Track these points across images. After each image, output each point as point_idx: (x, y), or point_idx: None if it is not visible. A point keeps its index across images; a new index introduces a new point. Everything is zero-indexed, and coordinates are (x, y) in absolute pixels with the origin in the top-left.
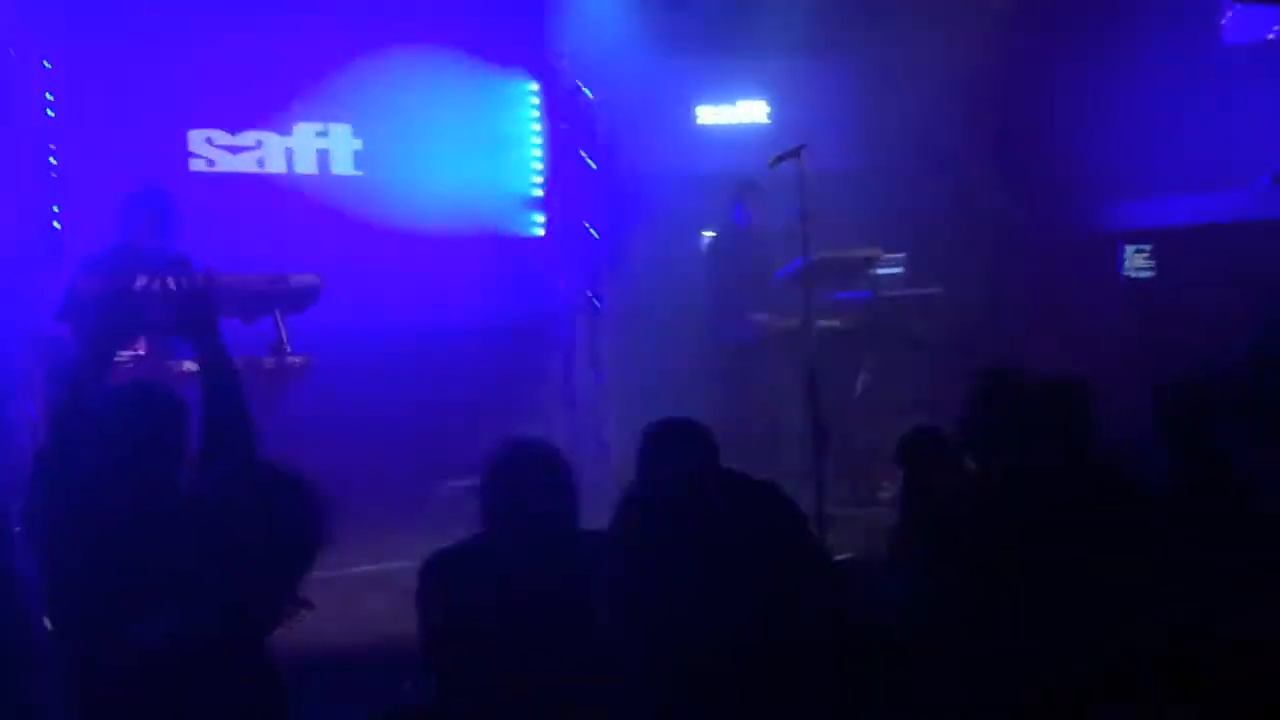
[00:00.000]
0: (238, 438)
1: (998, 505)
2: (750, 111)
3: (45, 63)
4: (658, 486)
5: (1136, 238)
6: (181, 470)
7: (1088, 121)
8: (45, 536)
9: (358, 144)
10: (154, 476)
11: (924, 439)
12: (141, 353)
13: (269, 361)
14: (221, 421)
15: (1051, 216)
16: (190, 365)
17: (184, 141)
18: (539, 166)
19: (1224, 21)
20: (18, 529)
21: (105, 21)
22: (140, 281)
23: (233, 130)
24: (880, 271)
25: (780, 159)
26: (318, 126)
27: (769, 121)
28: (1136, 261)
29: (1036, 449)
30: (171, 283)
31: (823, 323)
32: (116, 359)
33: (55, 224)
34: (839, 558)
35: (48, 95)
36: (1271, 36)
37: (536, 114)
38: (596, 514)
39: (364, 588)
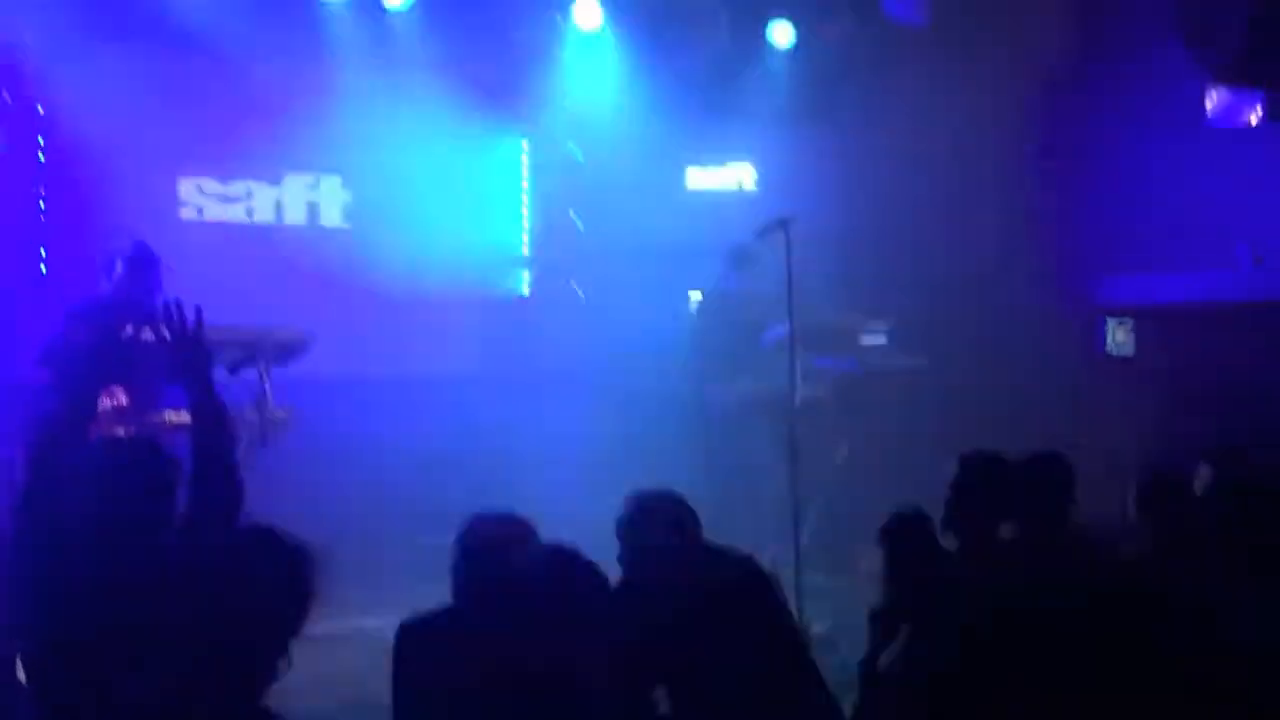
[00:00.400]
0: (226, 489)
1: (976, 584)
2: (738, 175)
3: (39, 107)
4: (640, 564)
5: (1119, 313)
6: (169, 527)
7: (1073, 197)
8: (26, 588)
9: (347, 196)
10: (142, 533)
11: (905, 518)
12: (123, 403)
13: (251, 414)
14: (210, 471)
15: (1036, 290)
16: (173, 417)
17: (174, 189)
18: (527, 225)
19: (1209, 104)
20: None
21: (100, 68)
22: (131, 328)
23: (223, 179)
24: (864, 341)
25: (768, 229)
26: (308, 178)
27: (756, 188)
28: (1119, 337)
29: (1015, 529)
30: (165, 329)
31: (807, 391)
32: (97, 408)
33: (42, 268)
34: (817, 629)
35: (40, 140)
36: (1254, 120)
37: (526, 172)
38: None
39: (338, 645)
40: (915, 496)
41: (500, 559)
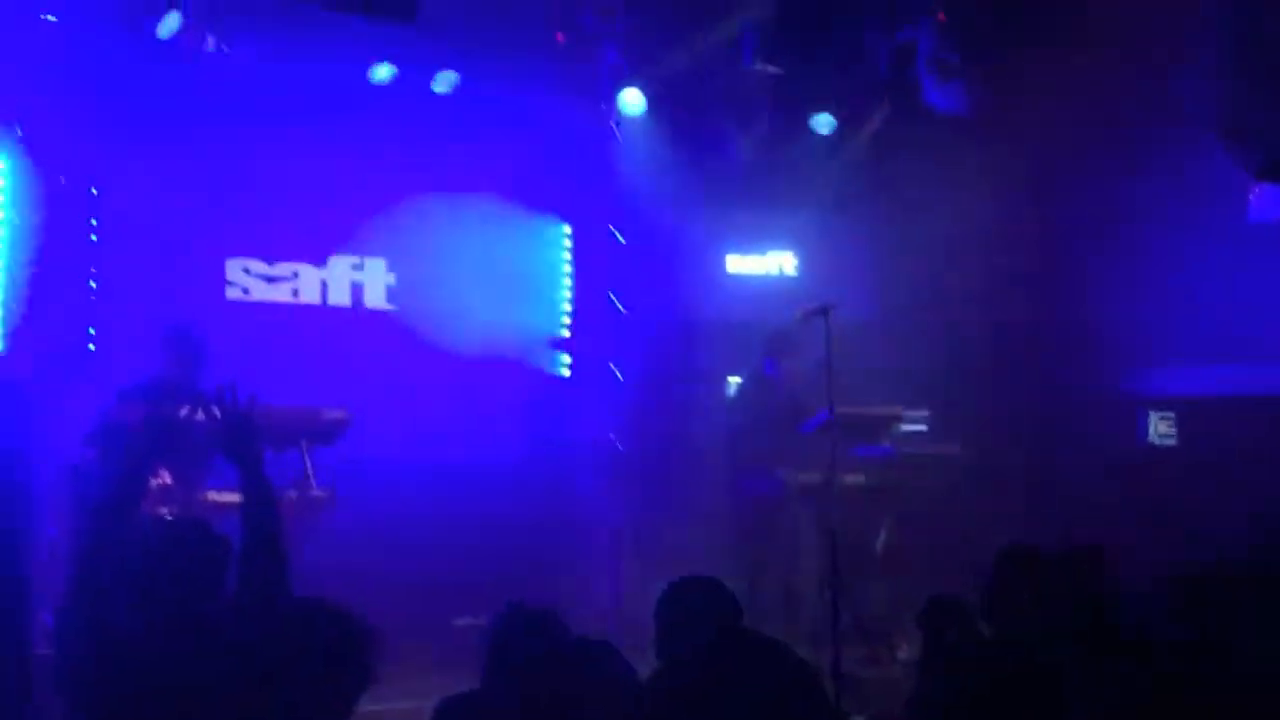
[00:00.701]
0: (274, 569)
1: (1015, 673)
2: (779, 262)
3: (92, 189)
4: (678, 650)
5: (1161, 405)
6: (220, 604)
7: (1115, 288)
8: (76, 665)
9: (391, 278)
10: (194, 611)
11: (945, 605)
12: (168, 482)
13: (293, 494)
14: (259, 550)
15: (1077, 380)
16: (217, 496)
17: (221, 270)
18: (568, 307)
19: (1250, 198)
20: (40, 651)
21: (151, 151)
22: (185, 410)
23: (270, 260)
24: (903, 428)
25: (809, 315)
26: (353, 259)
27: (796, 274)
28: (1160, 429)
29: (1053, 618)
30: (217, 409)
31: (846, 478)
32: (144, 487)
33: (91, 346)
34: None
35: (92, 221)
36: None
37: (568, 255)
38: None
39: None
40: (954, 585)
41: (531, 648)
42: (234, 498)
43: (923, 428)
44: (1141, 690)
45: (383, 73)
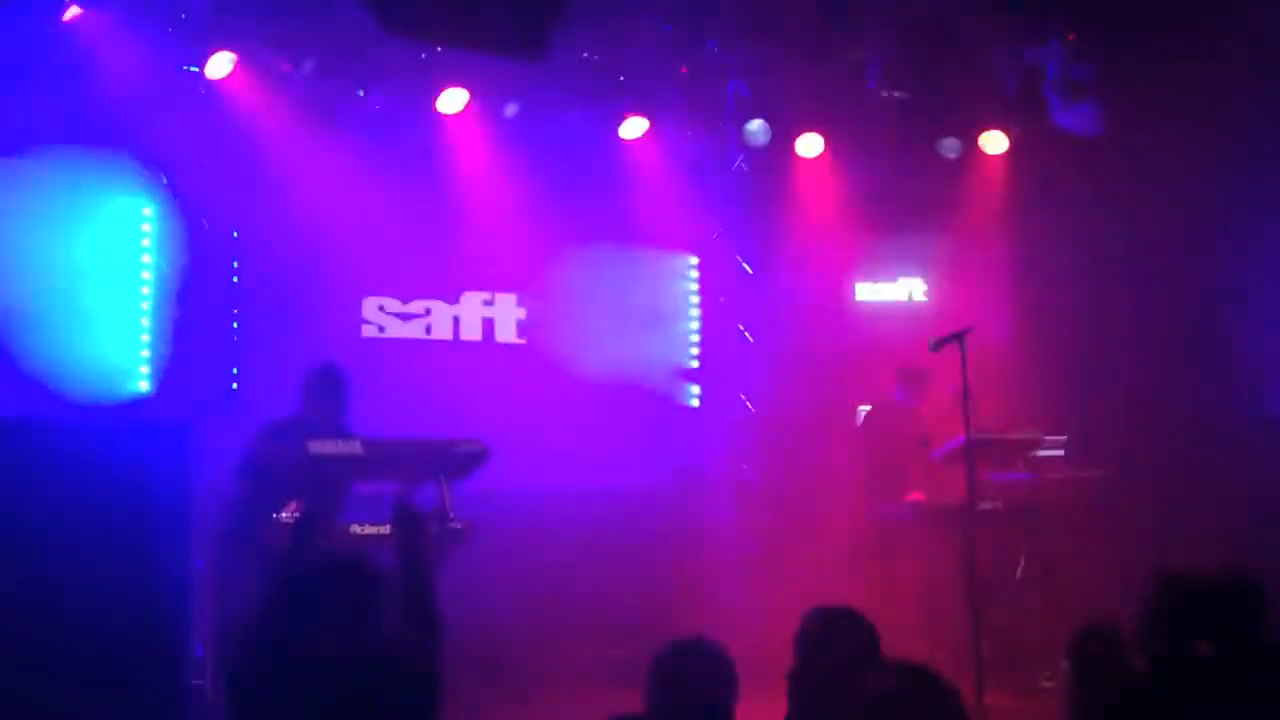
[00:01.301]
0: (430, 643)
1: (1167, 704)
2: (909, 288)
3: (234, 233)
4: (820, 680)
5: None
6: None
7: (1260, 307)
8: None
9: (521, 313)
10: (351, 649)
11: (1095, 634)
12: (299, 514)
13: (432, 528)
14: (412, 619)
15: (1221, 402)
16: (360, 529)
17: (358, 308)
18: (696, 338)
19: None
20: (198, 682)
21: (289, 194)
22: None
23: (404, 299)
24: (1040, 453)
25: (943, 342)
26: (484, 295)
27: (926, 299)
28: None
29: (1210, 648)
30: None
31: (982, 504)
32: (282, 521)
33: (234, 385)
34: None
35: (234, 263)
36: None
37: (695, 287)
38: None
39: None
40: (1095, 612)
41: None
42: (375, 530)
43: (1060, 452)
44: None
45: (510, 110)
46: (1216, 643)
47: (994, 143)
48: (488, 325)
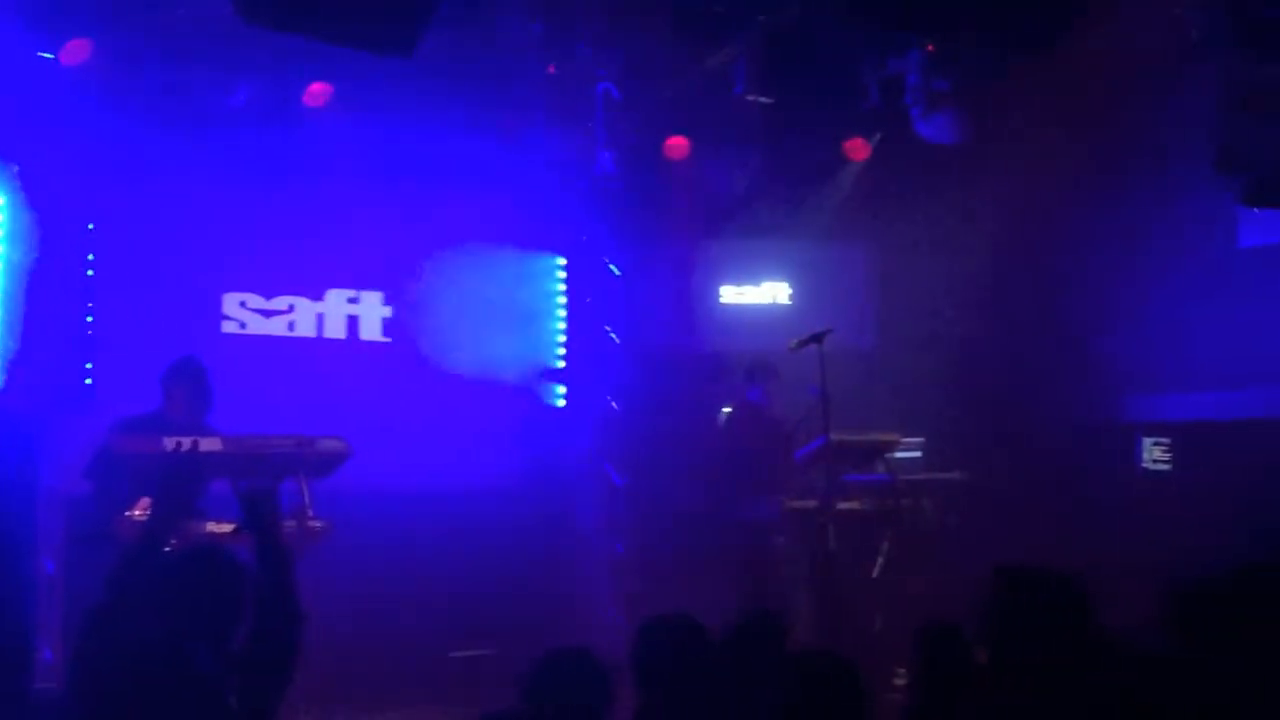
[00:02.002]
0: (292, 627)
1: (1007, 699)
2: (773, 292)
3: (89, 225)
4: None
5: (1155, 430)
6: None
7: (1108, 313)
8: (91, 689)
9: (387, 311)
10: (210, 639)
11: (938, 631)
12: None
13: (291, 525)
14: (276, 608)
15: (1070, 406)
16: (215, 526)
17: (218, 304)
18: (563, 339)
19: (1240, 225)
20: (39, 685)
21: (149, 186)
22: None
23: (267, 295)
24: (899, 455)
25: (803, 343)
26: (349, 293)
27: (791, 303)
28: (1154, 454)
29: (1048, 643)
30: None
31: (841, 505)
32: (134, 518)
33: (88, 380)
34: None
35: (89, 256)
36: None
37: (563, 287)
38: None
39: None
40: (951, 610)
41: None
42: (232, 527)
43: (918, 454)
44: (1136, 708)
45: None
46: (1048, 639)
47: (857, 150)
48: (352, 323)
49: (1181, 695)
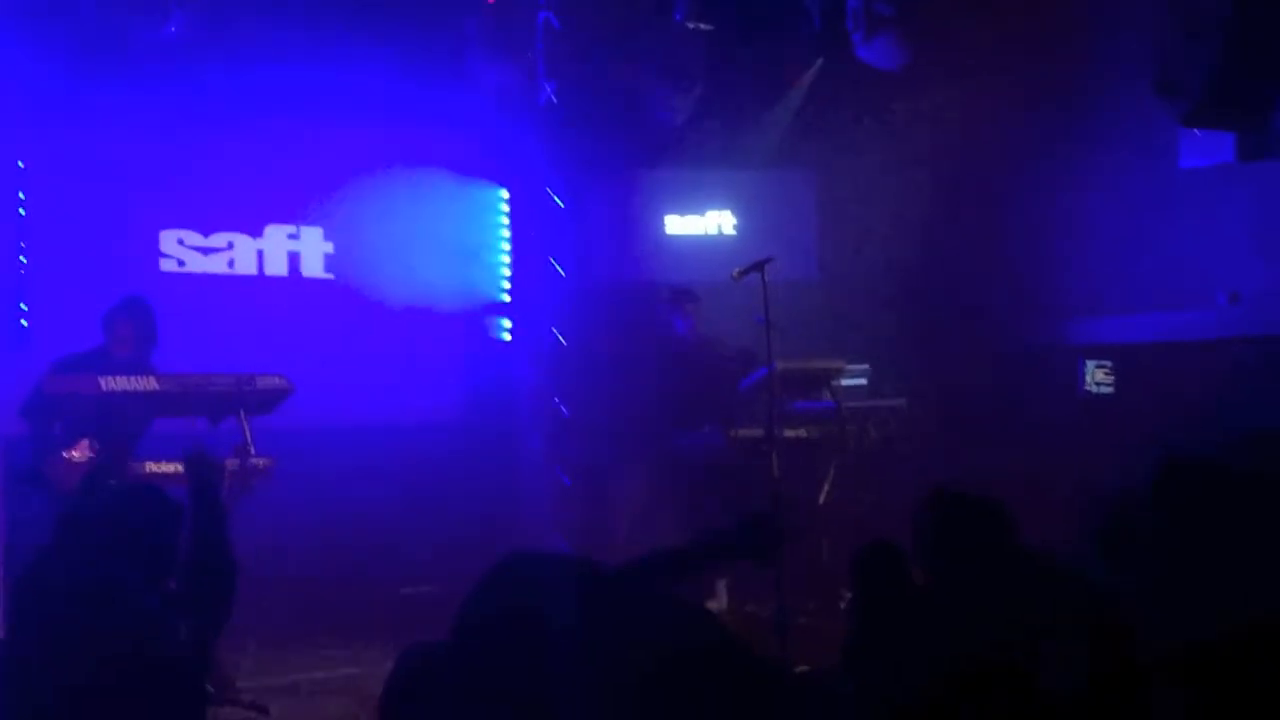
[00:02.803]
0: (223, 581)
1: (944, 618)
2: (718, 221)
3: (19, 163)
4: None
5: (1097, 353)
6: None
7: (1051, 239)
8: (35, 631)
9: (328, 247)
10: (148, 577)
11: (875, 552)
12: (92, 455)
13: (233, 463)
14: (207, 562)
15: (1014, 331)
16: (155, 466)
17: (155, 241)
18: (507, 272)
19: (1181, 145)
20: None
21: (80, 123)
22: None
23: (205, 232)
24: (844, 383)
25: (745, 271)
26: (289, 229)
27: (735, 233)
28: (1097, 377)
29: (971, 562)
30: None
31: (787, 433)
32: (72, 458)
33: (23, 321)
34: (798, 669)
35: (20, 194)
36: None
37: (506, 220)
38: None
39: (320, 693)
40: (897, 535)
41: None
42: (172, 468)
43: (863, 381)
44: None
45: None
46: (989, 560)
47: (800, 75)
48: (294, 259)
49: (1108, 612)
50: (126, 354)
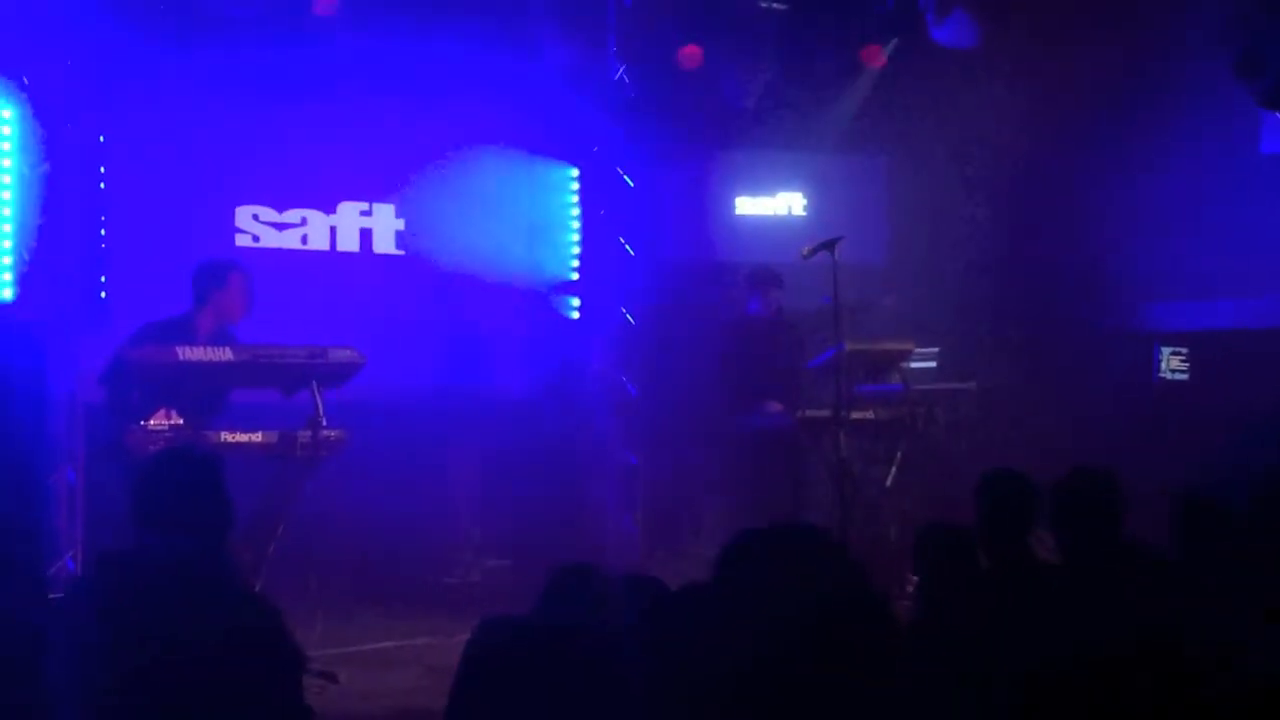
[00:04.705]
0: None
1: (1006, 601)
2: (788, 203)
3: (100, 137)
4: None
5: (1172, 340)
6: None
7: (1126, 224)
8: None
9: (400, 224)
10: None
11: (939, 535)
12: (177, 422)
13: (305, 435)
14: None
15: (1089, 315)
16: (230, 436)
17: (231, 217)
18: (576, 251)
19: (1262, 130)
20: (54, 595)
21: (160, 99)
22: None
23: (279, 208)
24: (913, 365)
25: (815, 250)
26: (362, 206)
27: (805, 214)
28: (1172, 364)
29: (1047, 547)
30: None
31: (855, 414)
32: (149, 427)
33: (102, 294)
34: None
35: (100, 169)
36: None
37: (576, 199)
38: None
39: (388, 662)
40: (962, 519)
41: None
42: (248, 437)
43: (933, 364)
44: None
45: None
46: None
47: (873, 57)
48: (365, 236)
49: (1176, 598)
50: (210, 321)
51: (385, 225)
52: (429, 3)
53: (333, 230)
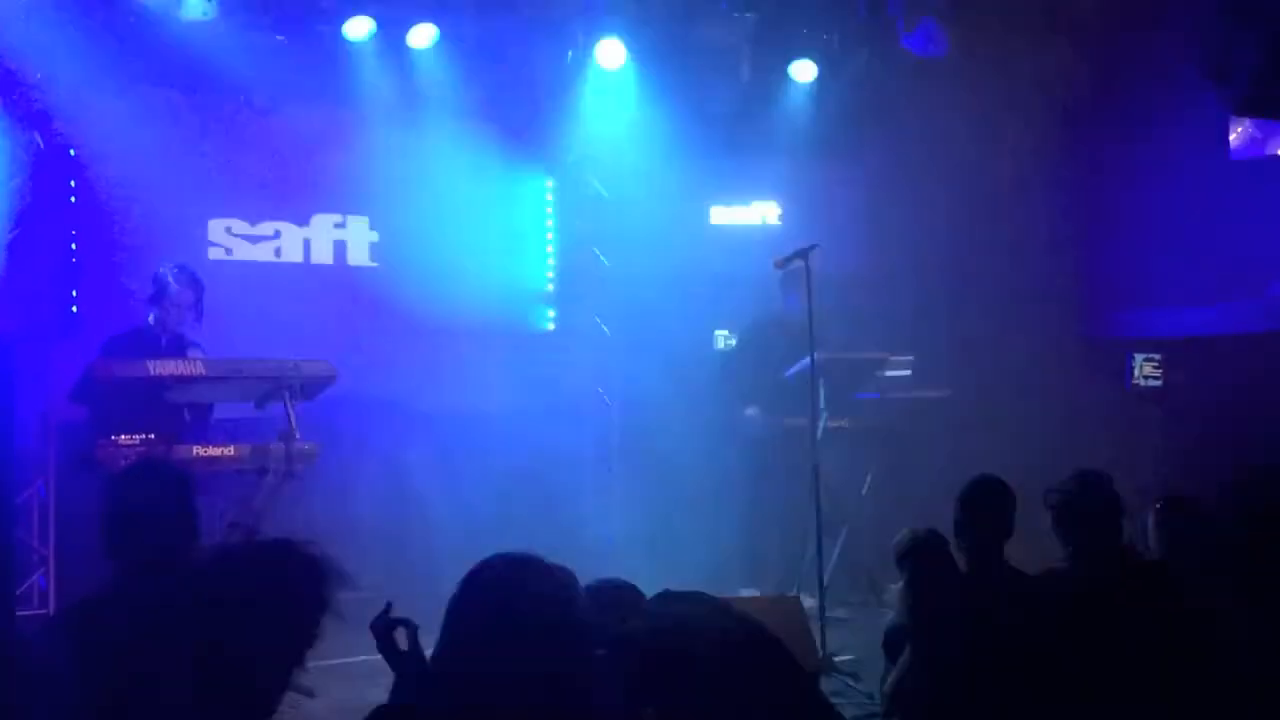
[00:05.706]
0: None
1: (987, 604)
2: (763, 212)
3: (71, 151)
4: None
5: (1145, 347)
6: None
7: (1097, 230)
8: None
9: (374, 236)
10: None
11: (920, 540)
12: (152, 437)
13: (278, 448)
14: None
15: (1061, 323)
16: (203, 450)
17: (204, 230)
18: (552, 262)
19: (1232, 136)
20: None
21: (130, 112)
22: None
23: (252, 220)
24: (888, 374)
25: (789, 259)
26: (335, 218)
27: (780, 223)
28: (1145, 370)
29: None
30: None
31: (831, 423)
32: (121, 442)
33: (74, 308)
34: (840, 658)
35: (71, 183)
36: (1277, 151)
37: (551, 210)
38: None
39: (370, 676)
40: (940, 525)
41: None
42: (220, 451)
43: (907, 372)
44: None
45: (360, 29)
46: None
47: (845, 65)
48: (339, 248)
49: (1151, 598)
50: (170, 322)
51: (359, 237)
52: (400, 9)
53: (306, 243)
